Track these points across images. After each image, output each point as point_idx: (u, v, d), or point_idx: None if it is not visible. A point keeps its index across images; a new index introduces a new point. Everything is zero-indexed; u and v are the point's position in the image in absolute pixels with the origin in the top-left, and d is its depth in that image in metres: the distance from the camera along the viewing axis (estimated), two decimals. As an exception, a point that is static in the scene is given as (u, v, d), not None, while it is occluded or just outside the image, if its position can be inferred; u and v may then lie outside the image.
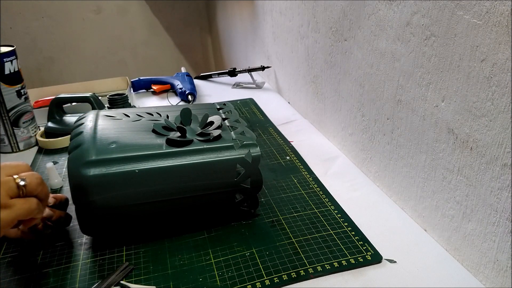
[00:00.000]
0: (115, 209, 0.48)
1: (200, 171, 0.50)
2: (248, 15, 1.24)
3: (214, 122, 0.57)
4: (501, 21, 0.37)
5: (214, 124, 0.57)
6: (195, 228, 0.54)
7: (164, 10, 1.87)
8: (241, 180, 0.51)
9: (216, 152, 0.51)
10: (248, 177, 0.52)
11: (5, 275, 0.48)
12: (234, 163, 0.51)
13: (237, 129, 0.56)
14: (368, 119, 0.64)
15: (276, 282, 0.46)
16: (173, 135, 0.53)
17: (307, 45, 0.82)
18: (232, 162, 0.51)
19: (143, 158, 0.48)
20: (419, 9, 0.48)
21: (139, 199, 0.48)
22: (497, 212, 0.41)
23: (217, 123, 0.57)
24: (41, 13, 1.69)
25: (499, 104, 0.39)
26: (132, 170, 0.47)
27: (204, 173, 0.50)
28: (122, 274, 0.47)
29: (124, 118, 0.57)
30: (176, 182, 0.49)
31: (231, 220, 0.55)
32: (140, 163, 0.48)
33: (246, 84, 1.13)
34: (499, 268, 0.42)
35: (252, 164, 0.51)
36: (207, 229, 0.54)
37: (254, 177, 0.52)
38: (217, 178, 0.51)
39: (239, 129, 0.56)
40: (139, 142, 0.50)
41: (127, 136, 0.52)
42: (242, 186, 0.52)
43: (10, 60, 0.74)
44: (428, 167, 0.51)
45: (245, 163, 0.51)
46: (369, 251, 0.50)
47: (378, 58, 0.58)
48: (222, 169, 0.51)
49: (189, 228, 0.54)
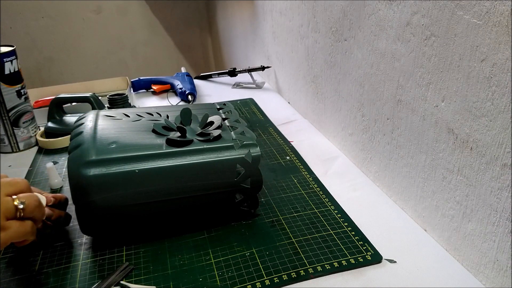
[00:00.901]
0: (114, 209, 0.48)
1: (200, 171, 0.50)
2: (248, 15, 1.24)
3: (214, 122, 0.57)
4: (501, 21, 0.37)
5: (214, 124, 0.57)
6: (195, 228, 0.54)
7: (164, 10, 1.87)
8: (241, 180, 0.51)
9: (216, 152, 0.51)
10: (248, 177, 0.52)
11: (5, 275, 0.48)
12: (234, 163, 0.51)
13: (237, 129, 0.56)
14: (368, 119, 0.64)
15: (276, 282, 0.46)
16: (173, 135, 0.53)
17: (307, 45, 0.82)
18: (232, 162, 0.51)
19: (143, 158, 0.48)
20: (419, 9, 0.48)
21: (139, 199, 0.48)
22: (497, 212, 0.41)
23: (217, 123, 0.57)
24: (41, 13, 1.69)
25: (499, 104, 0.39)
26: (132, 170, 0.47)
27: (204, 173, 0.50)
28: (122, 274, 0.47)
29: (124, 118, 0.57)
30: (176, 182, 0.49)
31: (231, 220, 0.55)
32: (140, 163, 0.48)
33: (246, 84, 1.13)
34: (499, 268, 0.42)
35: (252, 164, 0.51)
36: (207, 229, 0.54)
37: (254, 177, 0.52)
38: (217, 178, 0.51)
39: (239, 129, 0.56)
40: (139, 142, 0.51)
41: (127, 136, 0.52)
42: (242, 186, 0.52)
43: (10, 60, 0.74)
44: (428, 167, 0.51)
45: (245, 163, 0.51)
46: (369, 251, 0.50)
47: (378, 58, 0.58)
48: (222, 169, 0.50)
49: (189, 228, 0.54)
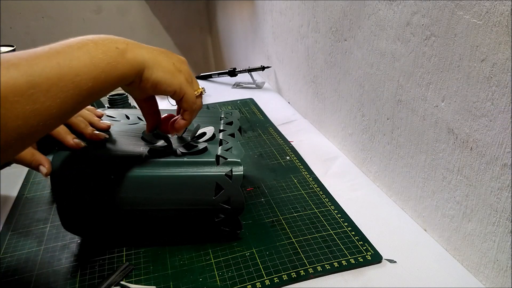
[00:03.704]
0: (92, 211, 0.48)
1: (173, 185, 0.47)
2: (248, 15, 1.24)
3: (207, 133, 0.54)
4: (501, 21, 0.37)
5: (206, 135, 0.54)
6: (177, 241, 0.52)
7: (164, 10, 1.87)
8: (220, 199, 0.48)
9: (195, 167, 0.48)
10: (228, 197, 0.48)
11: (5, 275, 0.48)
12: (213, 181, 0.47)
13: (227, 143, 0.52)
14: (368, 119, 0.64)
15: (276, 282, 0.46)
16: (161, 143, 0.51)
17: (307, 45, 0.82)
18: (209, 179, 0.47)
19: (120, 165, 0.47)
20: (419, 9, 0.48)
21: (116, 205, 0.47)
22: (497, 212, 0.41)
23: (209, 134, 0.54)
24: (41, 13, 1.69)
25: (499, 104, 0.39)
26: (107, 175, 0.46)
27: (179, 187, 0.47)
28: (122, 274, 0.47)
29: (122, 120, 0.57)
30: (151, 193, 0.47)
31: (212, 240, 0.52)
32: (117, 169, 0.47)
33: (246, 84, 1.13)
34: (499, 268, 0.42)
35: (232, 183, 0.47)
36: (191, 243, 0.52)
37: (235, 198, 0.48)
38: (192, 194, 0.48)
39: (229, 144, 0.52)
40: (123, 148, 0.50)
41: (117, 140, 0.51)
42: (221, 206, 0.48)
43: (10, 60, 0.74)
44: (428, 167, 0.51)
45: (225, 182, 0.47)
46: (369, 251, 0.50)
47: (378, 58, 0.58)
48: (199, 185, 0.47)
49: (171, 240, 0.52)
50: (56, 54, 0.34)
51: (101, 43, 0.38)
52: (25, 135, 0.32)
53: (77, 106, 0.36)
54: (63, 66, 0.34)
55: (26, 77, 0.31)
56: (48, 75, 0.33)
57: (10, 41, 0.85)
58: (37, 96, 0.32)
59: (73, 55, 0.35)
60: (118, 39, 0.40)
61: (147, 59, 0.41)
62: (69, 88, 0.34)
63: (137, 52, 0.40)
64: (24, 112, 0.31)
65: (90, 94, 0.36)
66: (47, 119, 0.33)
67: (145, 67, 0.41)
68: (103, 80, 0.37)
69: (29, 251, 0.51)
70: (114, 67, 0.38)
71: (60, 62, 0.34)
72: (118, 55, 0.38)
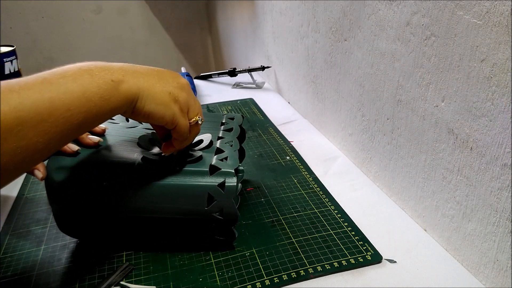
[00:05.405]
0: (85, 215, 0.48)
1: (165, 194, 0.47)
2: (248, 15, 1.24)
3: (204, 141, 0.53)
4: (501, 21, 0.37)
5: (203, 143, 0.53)
6: (173, 247, 0.51)
7: (164, 10, 1.87)
8: (213, 210, 0.47)
9: (189, 176, 0.47)
10: (221, 208, 0.47)
11: (5, 275, 0.48)
12: (205, 191, 0.47)
13: (223, 152, 0.51)
14: (368, 119, 0.64)
15: (276, 282, 0.46)
16: (155, 150, 0.51)
17: (307, 45, 0.82)
18: (202, 189, 0.47)
19: (112, 172, 0.47)
20: (419, 9, 0.48)
21: (110, 211, 0.47)
22: (497, 212, 0.42)
23: (206, 142, 0.53)
24: (41, 13, 1.69)
25: (499, 104, 0.39)
26: (100, 182, 0.46)
27: (171, 196, 0.47)
28: (122, 274, 0.47)
29: (121, 123, 0.57)
30: (141, 201, 0.47)
31: (206, 249, 0.51)
32: (109, 175, 0.47)
33: (246, 84, 1.13)
34: (499, 268, 0.42)
35: (225, 194, 0.47)
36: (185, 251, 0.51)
37: (227, 209, 0.47)
38: (185, 203, 0.47)
39: (225, 153, 0.51)
40: (116, 154, 0.49)
41: (111, 146, 0.51)
42: (214, 216, 0.47)
43: (10, 60, 0.74)
44: (428, 167, 0.51)
45: (217, 193, 0.47)
46: (369, 251, 0.50)
47: (378, 58, 0.58)
48: (191, 195, 0.47)
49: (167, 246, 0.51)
50: (49, 86, 0.33)
51: (97, 75, 0.37)
52: (9, 171, 0.31)
53: (64, 140, 0.36)
54: (55, 100, 0.33)
55: (16, 113, 0.30)
56: (38, 109, 0.31)
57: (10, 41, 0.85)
58: (24, 133, 0.31)
59: (66, 88, 0.34)
60: (115, 69, 0.39)
61: (142, 90, 0.40)
62: (59, 123, 0.33)
63: (132, 83, 0.39)
64: (9, 149, 0.30)
65: (79, 128, 0.36)
66: (33, 154, 0.32)
67: (138, 98, 0.40)
68: (94, 114, 0.36)
69: (29, 251, 0.51)
70: (107, 101, 0.37)
71: (53, 95, 0.33)
72: (113, 88, 0.37)
